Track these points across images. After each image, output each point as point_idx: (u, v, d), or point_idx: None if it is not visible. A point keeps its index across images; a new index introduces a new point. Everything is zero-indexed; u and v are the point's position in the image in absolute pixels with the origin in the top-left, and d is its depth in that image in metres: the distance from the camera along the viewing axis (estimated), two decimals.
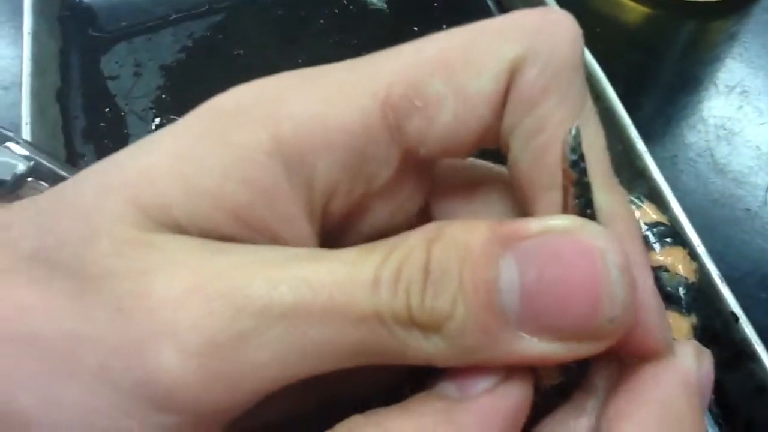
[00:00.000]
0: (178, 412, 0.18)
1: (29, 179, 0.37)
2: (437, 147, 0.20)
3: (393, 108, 0.20)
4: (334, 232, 0.22)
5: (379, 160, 0.20)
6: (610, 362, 0.20)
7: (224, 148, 0.19)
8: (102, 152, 0.55)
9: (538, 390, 0.19)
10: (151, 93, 0.58)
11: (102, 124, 0.56)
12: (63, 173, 0.37)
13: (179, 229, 0.19)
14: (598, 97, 0.47)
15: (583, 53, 0.21)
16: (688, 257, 0.35)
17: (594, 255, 0.17)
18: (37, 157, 0.37)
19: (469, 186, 0.24)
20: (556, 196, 0.20)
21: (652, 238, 0.35)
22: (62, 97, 0.55)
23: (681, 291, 0.34)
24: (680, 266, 0.35)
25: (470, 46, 0.20)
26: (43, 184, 0.36)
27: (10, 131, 0.40)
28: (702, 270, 0.38)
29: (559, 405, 0.20)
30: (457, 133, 0.20)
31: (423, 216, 0.24)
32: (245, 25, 0.61)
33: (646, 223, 0.36)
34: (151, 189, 0.18)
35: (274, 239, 0.19)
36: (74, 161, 0.53)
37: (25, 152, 0.37)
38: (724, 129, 0.53)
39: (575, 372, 0.20)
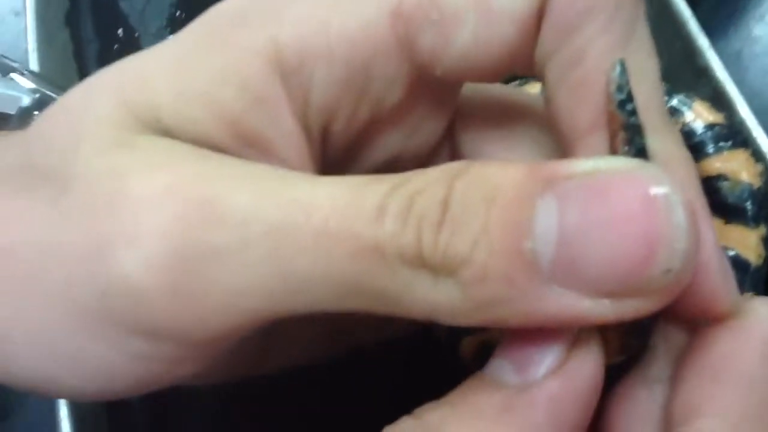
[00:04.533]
0: (151, 337, 0.15)
1: (36, 113, 0.34)
2: (455, 68, 0.18)
3: (404, 19, 0.17)
4: (340, 162, 0.20)
5: (388, 78, 0.18)
6: (673, 328, 0.18)
7: (221, 50, 0.18)
8: None
9: None
10: (165, 11, 0.54)
11: (116, 46, 0.53)
12: None
13: (168, 133, 0.17)
14: None
15: None
16: (751, 159, 0.31)
17: (652, 194, 0.14)
18: (44, 89, 0.35)
19: (503, 117, 0.21)
20: (600, 140, 0.17)
21: (707, 143, 0.31)
22: (72, 20, 0.52)
23: (745, 201, 0.30)
24: (743, 171, 0.30)
25: None
26: None
27: (15, 61, 0.38)
28: None
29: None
30: (478, 54, 0.18)
31: (448, 152, 0.21)
32: None
33: (699, 126, 0.31)
34: (141, 90, 0.17)
35: (269, 155, 0.18)
36: None
37: (32, 84, 0.35)
38: None
39: (636, 347, 0.18)
